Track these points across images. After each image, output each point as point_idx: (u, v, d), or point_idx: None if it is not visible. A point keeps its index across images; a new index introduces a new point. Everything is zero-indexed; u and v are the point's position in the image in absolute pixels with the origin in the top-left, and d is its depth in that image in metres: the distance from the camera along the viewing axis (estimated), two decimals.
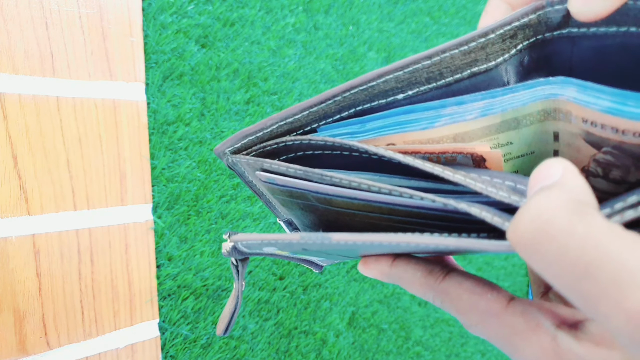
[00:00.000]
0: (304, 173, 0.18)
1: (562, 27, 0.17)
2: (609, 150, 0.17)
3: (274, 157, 0.21)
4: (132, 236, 0.45)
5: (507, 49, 0.17)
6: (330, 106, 0.18)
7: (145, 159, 0.46)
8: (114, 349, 0.44)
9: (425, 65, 0.17)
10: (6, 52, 0.38)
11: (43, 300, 0.40)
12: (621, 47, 0.16)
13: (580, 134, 0.17)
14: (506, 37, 0.17)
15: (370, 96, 0.18)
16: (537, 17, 0.17)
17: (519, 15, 0.16)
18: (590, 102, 0.15)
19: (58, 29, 0.40)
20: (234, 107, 0.52)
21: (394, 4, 0.71)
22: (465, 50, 0.17)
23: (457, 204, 0.15)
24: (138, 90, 0.45)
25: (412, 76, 0.17)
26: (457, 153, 0.19)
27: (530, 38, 0.17)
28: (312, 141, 0.19)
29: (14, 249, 0.38)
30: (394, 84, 0.18)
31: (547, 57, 0.18)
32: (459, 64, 0.17)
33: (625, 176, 0.18)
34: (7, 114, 0.38)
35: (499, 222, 0.14)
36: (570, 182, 0.13)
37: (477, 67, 0.17)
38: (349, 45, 0.64)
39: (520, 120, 0.18)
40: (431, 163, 0.17)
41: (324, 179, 0.18)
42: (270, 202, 0.24)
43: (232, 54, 0.52)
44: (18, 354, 0.38)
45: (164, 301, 0.47)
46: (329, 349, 0.61)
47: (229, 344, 0.52)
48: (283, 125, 0.20)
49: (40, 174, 0.39)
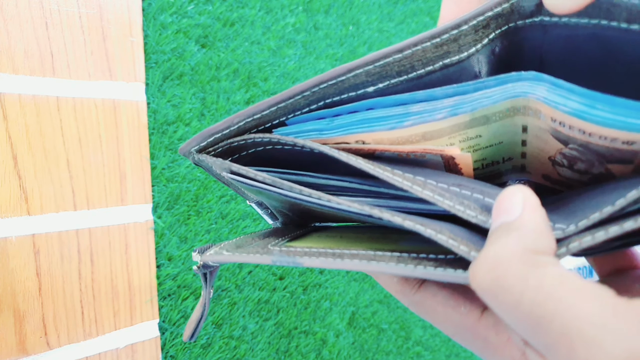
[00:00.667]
0: (273, 182, 0.18)
1: (535, 16, 0.17)
2: (575, 147, 0.17)
3: (242, 151, 0.21)
4: (132, 236, 0.45)
5: (479, 39, 0.17)
6: (299, 101, 0.18)
7: (145, 159, 0.46)
8: (114, 349, 0.44)
9: (397, 58, 0.17)
10: (6, 52, 0.38)
11: (43, 300, 0.40)
12: (592, 37, 0.16)
13: (549, 130, 0.17)
14: (479, 28, 0.17)
15: (340, 90, 0.18)
16: (510, 5, 0.16)
17: (492, 5, 0.16)
18: (559, 104, 0.15)
19: (58, 29, 0.40)
20: (234, 107, 0.52)
21: (394, 4, 0.71)
22: (438, 43, 0.17)
23: (425, 229, 0.15)
24: (138, 90, 0.45)
25: (383, 70, 0.17)
26: (426, 152, 0.19)
27: (502, 26, 0.17)
28: (281, 140, 0.19)
29: (14, 249, 0.38)
30: (364, 78, 0.17)
31: (518, 45, 0.18)
32: (430, 57, 0.17)
33: (589, 169, 0.18)
34: (7, 114, 0.38)
35: (465, 252, 0.14)
36: (528, 223, 0.13)
37: (449, 58, 0.17)
38: (349, 45, 0.64)
39: (490, 117, 0.18)
40: (400, 176, 0.17)
41: (292, 189, 0.18)
42: (239, 188, 0.24)
43: (232, 54, 0.52)
44: (18, 354, 0.38)
45: (164, 301, 0.47)
46: (329, 349, 0.61)
47: (229, 344, 0.52)
48: (250, 122, 0.19)
49: (40, 174, 0.39)
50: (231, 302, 0.52)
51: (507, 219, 0.14)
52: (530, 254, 0.13)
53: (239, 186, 0.23)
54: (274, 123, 0.20)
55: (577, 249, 0.14)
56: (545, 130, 0.17)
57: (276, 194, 0.19)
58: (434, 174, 0.18)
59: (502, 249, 0.13)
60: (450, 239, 0.15)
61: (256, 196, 0.25)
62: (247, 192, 0.24)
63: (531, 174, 0.23)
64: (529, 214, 0.14)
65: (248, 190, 0.23)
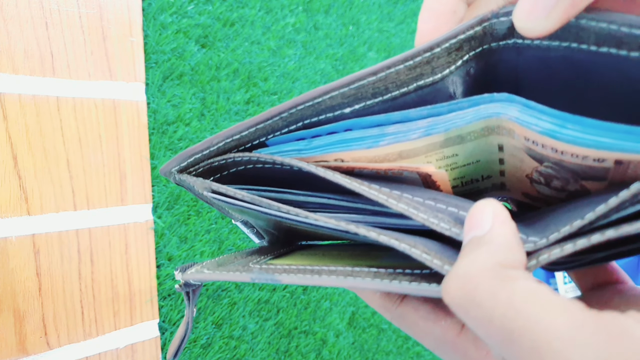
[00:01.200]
0: (252, 199, 0.18)
1: (508, 38, 0.17)
2: (550, 165, 0.17)
3: (223, 170, 0.21)
4: (132, 236, 0.45)
5: (453, 61, 0.17)
6: (278, 122, 0.19)
7: (145, 159, 0.46)
8: (114, 349, 0.44)
9: (371, 81, 0.17)
10: (6, 52, 0.38)
11: (43, 300, 0.40)
12: (564, 59, 0.16)
13: (523, 148, 0.18)
14: (452, 50, 0.17)
15: (317, 111, 0.18)
16: (483, 28, 0.17)
17: (464, 28, 0.17)
18: (531, 124, 0.16)
19: (58, 29, 0.40)
20: (234, 107, 0.52)
21: (394, 4, 0.71)
22: (411, 66, 0.17)
23: (399, 244, 0.15)
24: (138, 90, 0.45)
25: (358, 92, 0.17)
26: (403, 170, 0.19)
27: (476, 49, 0.18)
28: (261, 158, 0.19)
29: (14, 249, 0.38)
30: (340, 100, 0.18)
31: (493, 66, 0.18)
32: (404, 79, 0.17)
33: (565, 186, 0.19)
34: (7, 114, 0.38)
35: (438, 266, 0.15)
36: (497, 237, 0.14)
37: (423, 80, 0.18)
38: (349, 45, 0.64)
39: (464, 137, 0.18)
40: (377, 190, 0.17)
41: (271, 207, 0.18)
42: (223, 208, 0.25)
43: (232, 54, 0.52)
44: (18, 354, 0.38)
45: (164, 301, 0.47)
46: (329, 349, 0.61)
47: (229, 344, 0.52)
48: (230, 142, 0.20)
49: (40, 174, 0.39)
50: (231, 302, 0.52)
51: (478, 233, 0.14)
52: (500, 268, 0.13)
53: (222, 205, 0.23)
54: (254, 144, 0.20)
55: (546, 261, 0.14)
56: (520, 149, 0.18)
57: (257, 211, 0.19)
58: (411, 189, 0.19)
59: (472, 264, 0.13)
60: (424, 253, 0.15)
61: (240, 215, 0.25)
62: (230, 211, 0.25)
63: (511, 191, 0.23)
64: (499, 228, 0.14)
65: (231, 210, 0.24)
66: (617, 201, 0.13)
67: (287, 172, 0.20)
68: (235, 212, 0.24)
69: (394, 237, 0.16)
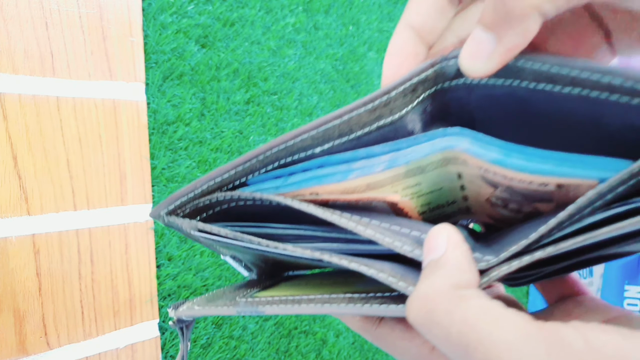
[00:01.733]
0: (234, 236, 0.20)
1: (458, 78, 0.19)
2: (503, 190, 0.19)
3: (209, 209, 0.23)
4: (132, 236, 0.45)
5: (409, 102, 0.19)
6: (255, 164, 0.21)
7: (145, 159, 0.46)
8: (114, 349, 0.44)
9: (336, 124, 0.19)
10: (6, 52, 0.38)
11: (43, 300, 0.40)
12: (509, 95, 0.18)
13: (478, 176, 0.20)
14: (407, 92, 0.19)
15: (291, 152, 0.20)
16: (434, 71, 0.19)
17: (417, 71, 0.18)
18: (480, 154, 0.18)
19: (58, 29, 0.40)
20: (234, 107, 0.52)
21: (394, 4, 0.71)
22: (370, 109, 0.19)
23: (368, 269, 0.17)
24: (138, 90, 0.45)
25: (326, 134, 0.19)
26: (372, 200, 0.21)
27: (429, 89, 0.19)
28: (242, 196, 0.21)
29: (14, 249, 0.38)
30: (310, 142, 0.20)
31: (447, 103, 0.20)
32: (366, 120, 0.19)
33: (520, 208, 0.21)
34: (7, 114, 0.38)
35: (403, 287, 0.16)
36: (451, 260, 0.15)
37: (383, 120, 0.20)
38: (349, 45, 0.64)
39: (424, 168, 0.20)
40: (347, 218, 0.19)
41: (252, 241, 0.20)
42: (211, 245, 0.26)
43: (232, 54, 0.52)
44: (18, 354, 0.38)
45: (164, 301, 0.47)
46: (329, 349, 0.61)
47: (229, 344, 0.52)
48: (213, 185, 0.21)
49: (40, 174, 0.39)
50: None
51: (434, 256, 0.16)
52: (455, 289, 0.14)
53: (210, 243, 0.25)
54: (236, 184, 0.22)
55: (496, 278, 0.15)
56: (477, 176, 0.20)
57: (240, 247, 0.21)
58: (379, 217, 0.21)
59: (430, 287, 0.14)
60: (390, 277, 0.16)
61: (228, 251, 0.27)
62: (218, 247, 0.26)
63: (476, 214, 0.25)
64: (452, 252, 0.15)
65: (219, 246, 0.25)
66: (555, 222, 0.14)
67: (268, 207, 0.22)
68: (222, 248, 0.26)
69: (364, 264, 0.17)
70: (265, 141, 0.55)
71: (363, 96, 0.24)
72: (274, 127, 0.56)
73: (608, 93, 0.15)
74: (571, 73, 0.16)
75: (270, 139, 0.56)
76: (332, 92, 0.62)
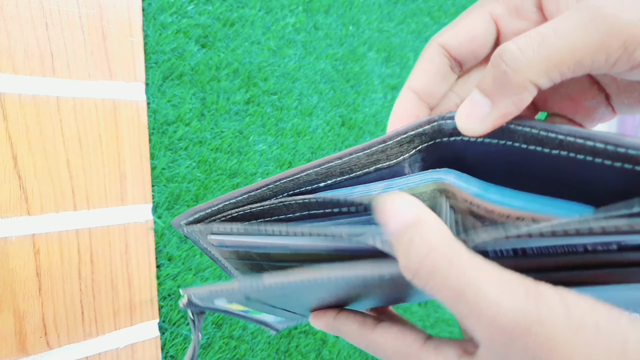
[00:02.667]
0: (244, 229, 0.22)
1: (455, 135, 0.21)
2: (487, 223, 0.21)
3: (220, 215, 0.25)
4: (132, 236, 0.45)
5: (405, 151, 0.21)
6: (266, 192, 0.23)
7: (145, 159, 0.46)
8: (114, 349, 0.44)
9: (338, 164, 0.21)
10: (6, 52, 0.38)
11: (43, 300, 0.40)
12: (501, 152, 0.20)
13: (466, 210, 0.21)
14: (403, 143, 0.21)
15: (297, 184, 0.23)
16: (432, 127, 0.20)
17: (414, 126, 0.20)
18: (464, 187, 0.20)
19: (58, 29, 0.40)
20: (234, 107, 0.52)
21: (394, 4, 0.71)
22: (368, 153, 0.21)
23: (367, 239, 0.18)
24: (138, 90, 0.45)
25: (329, 171, 0.22)
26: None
27: (428, 142, 0.21)
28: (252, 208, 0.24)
29: (14, 249, 0.38)
30: (314, 177, 0.22)
31: (443, 153, 0.22)
32: (364, 162, 0.22)
33: None
34: (7, 114, 0.38)
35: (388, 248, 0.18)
36: (428, 216, 0.16)
37: (380, 164, 0.22)
38: (349, 45, 0.64)
39: (418, 197, 0.21)
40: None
41: (260, 231, 0.22)
42: (226, 267, 0.29)
43: (232, 54, 0.52)
44: (18, 354, 0.38)
45: (164, 301, 0.47)
46: (329, 349, 0.61)
47: (229, 344, 0.52)
48: (227, 205, 0.24)
49: (40, 174, 0.39)
50: None
51: (407, 219, 0.16)
52: (448, 239, 0.16)
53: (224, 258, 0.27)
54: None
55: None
56: (465, 211, 0.22)
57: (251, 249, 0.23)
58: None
59: (424, 241, 0.16)
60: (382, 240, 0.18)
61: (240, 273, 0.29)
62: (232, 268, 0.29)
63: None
64: (421, 210, 0.17)
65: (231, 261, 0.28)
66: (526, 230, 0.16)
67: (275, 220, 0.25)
68: (233, 260, 0.28)
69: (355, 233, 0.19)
70: (265, 141, 0.55)
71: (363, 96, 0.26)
72: (274, 127, 0.56)
73: (592, 157, 0.17)
74: (558, 137, 0.18)
75: (270, 139, 0.56)
76: (332, 92, 0.62)
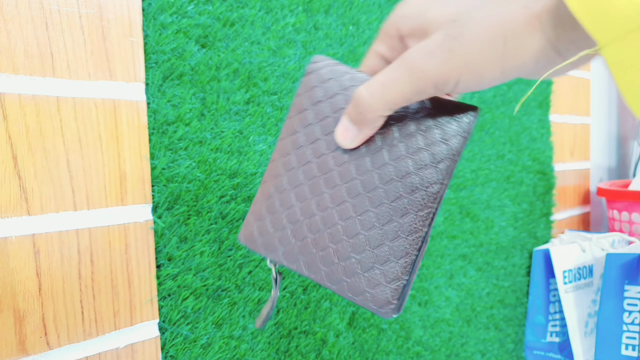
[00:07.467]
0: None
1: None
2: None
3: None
4: (132, 236, 0.45)
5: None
6: None
7: (145, 159, 0.46)
8: (114, 349, 0.44)
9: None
10: (6, 52, 0.38)
11: (43, 300, 0.40)
12: None
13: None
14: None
15: None
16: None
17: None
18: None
19: (58, 29, 0.40)
20: (234, 107, 0.52)
21: (393, 4, 0.71)
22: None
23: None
24: (138, 90, 0.45)
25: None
26: None
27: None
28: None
29: (14, 249, 0.38)
30: None
31: None
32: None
33: None
34: (7, 114, 0.38)
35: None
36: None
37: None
38: (349, 45, 0.64)
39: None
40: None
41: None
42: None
43: (232, 54, 0.52)
44: (18, 354, 0.38)
45: (164, 301, 0.47)
46: (329, 349, 0.61)
47: (229, 344, 0.52)
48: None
49: (40, 174, 0.39)
50: (231, 302, 0.52)
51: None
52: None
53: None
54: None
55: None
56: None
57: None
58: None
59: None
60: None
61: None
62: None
63: None
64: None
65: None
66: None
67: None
68: None
69: None
70: (265, 141, 0.55)
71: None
72: (274, 127, 0.56)
73: None
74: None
75: (270, 139, 0.56)
76: None
